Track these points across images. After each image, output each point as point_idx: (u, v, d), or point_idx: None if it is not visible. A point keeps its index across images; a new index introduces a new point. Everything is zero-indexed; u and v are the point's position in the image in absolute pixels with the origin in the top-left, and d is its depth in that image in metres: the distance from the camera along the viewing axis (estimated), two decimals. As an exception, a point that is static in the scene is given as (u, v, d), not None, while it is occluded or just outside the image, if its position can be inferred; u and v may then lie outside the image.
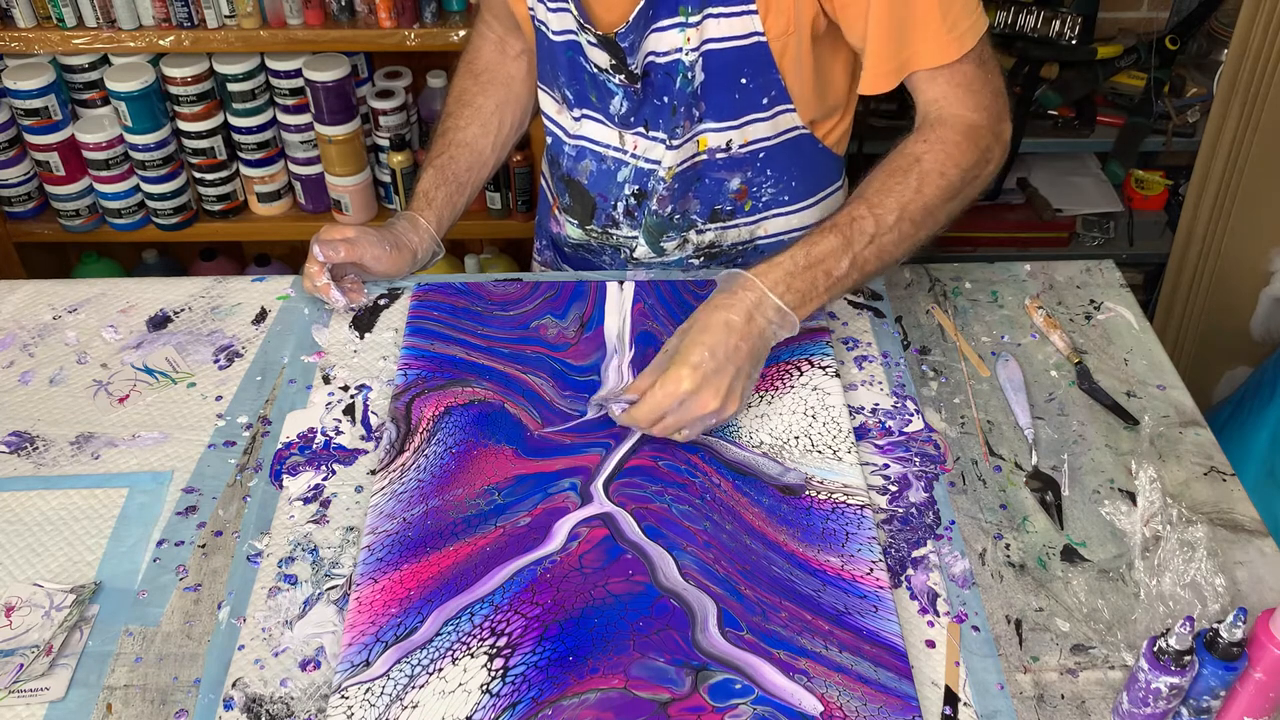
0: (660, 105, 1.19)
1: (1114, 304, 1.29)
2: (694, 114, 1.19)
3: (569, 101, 1.26)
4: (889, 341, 1.22)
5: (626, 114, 1.22)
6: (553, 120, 1.31)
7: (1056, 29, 2.21)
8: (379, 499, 1.02)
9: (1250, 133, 2.02)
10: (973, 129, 1.12)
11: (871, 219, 1.08)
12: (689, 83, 1.16)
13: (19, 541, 1.01)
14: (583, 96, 1.24)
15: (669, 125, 1.20)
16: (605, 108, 1.23)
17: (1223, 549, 1.00)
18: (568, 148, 1.30)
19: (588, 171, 1.29)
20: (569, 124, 1.28)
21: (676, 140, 1.21)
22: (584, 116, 1.26)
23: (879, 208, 1.09)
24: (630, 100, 1.20)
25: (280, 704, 0.87)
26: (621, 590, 0.94)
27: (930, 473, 1.07)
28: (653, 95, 1.19)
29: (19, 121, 2.11)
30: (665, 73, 1.16)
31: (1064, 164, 2.50)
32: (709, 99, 1.18)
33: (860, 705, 0.85)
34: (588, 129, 1.27)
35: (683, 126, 1.20)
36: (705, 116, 1.20)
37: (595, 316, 1.23)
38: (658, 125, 1.21)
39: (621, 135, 1.24)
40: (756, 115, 1.21)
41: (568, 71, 1.23)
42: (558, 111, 1.29)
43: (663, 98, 1.18)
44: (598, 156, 1.28)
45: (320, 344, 1.22)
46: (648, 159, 1.24)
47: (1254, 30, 1.96)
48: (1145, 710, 0.84)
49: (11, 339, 1.23)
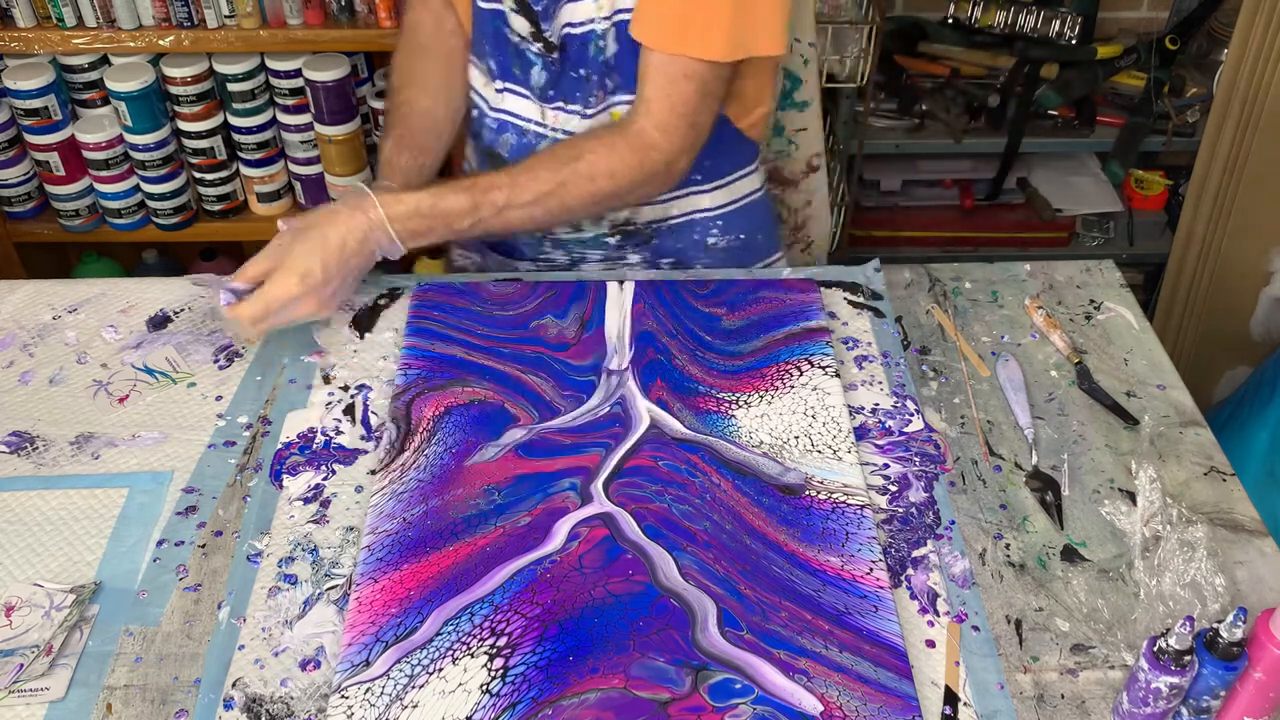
0: (577, 78, 1.22)
1: (1114, 304, 1.29)
2: (608, 85, 1.22)
3: (493, 72, 1.29)
4: (889, 341, 1.22)
5: (546, 86, 1.25)
6: (478, 93, 1.33)
7: (1056, 29, 2.21)
8: (379, 499, 1.02)
9: (1250, 133, 2.03)
10: (650, 150, 1.18)
11: (506, 194, 1.17)
12: (601, 52, 1.20)
13: (19, 541, 1.01)
14: (506, 68, 1.27)
15: (585, 98, 1.23)
16: (526, 79, 1.26)
17: (1223, 549, 1.00)
18: (489, 120, 1.32)
19: (509, 145, 1.31)
20: (491, 96, 1.31)
21: (591, 110, 1.23)
22: (505, 90, 1.29)
23: (519, 188, 1.17)
24: (549, 71, 1.23)
25: (280, 704, 0.87)
26: (621, 590, 0.94)
27: (930, 473, 1.07)
28: (569, 68, 1.22)
29: (19, 121, 2.11)
30: (581, 44, 1.19)
31: (1064, 164, 2.50)
32: (622, 70, 1.21)
33: (860, 705, 0.85)
34: (509, 102, 1.29)
35: (596, 96, 1.23)
36: (619, 89, 1.23)
37: (595, 316, 1.23)
38: (575, 99, 1.24)
39: (542, 110, 1.27)
40: None
41: (493, 41, 1.26)
42: (484, 85, 1.31)
43: (579, 70, 1.22)
44: (518, 130, 1.30)
45: (320, 344, 1.22)
46: (565, 131, 1.26)
47: (1254, 30, 1.96)
48: (1145, 710, 0.84)
49: (11, 339, 1.23)
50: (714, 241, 1.36)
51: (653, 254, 1.36)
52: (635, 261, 1.37)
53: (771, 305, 1.24)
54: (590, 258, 1.36)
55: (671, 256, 1.36)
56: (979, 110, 2.23)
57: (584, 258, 1.37)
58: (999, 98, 2.21)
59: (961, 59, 2.26)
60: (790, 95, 1.84)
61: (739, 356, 1.18)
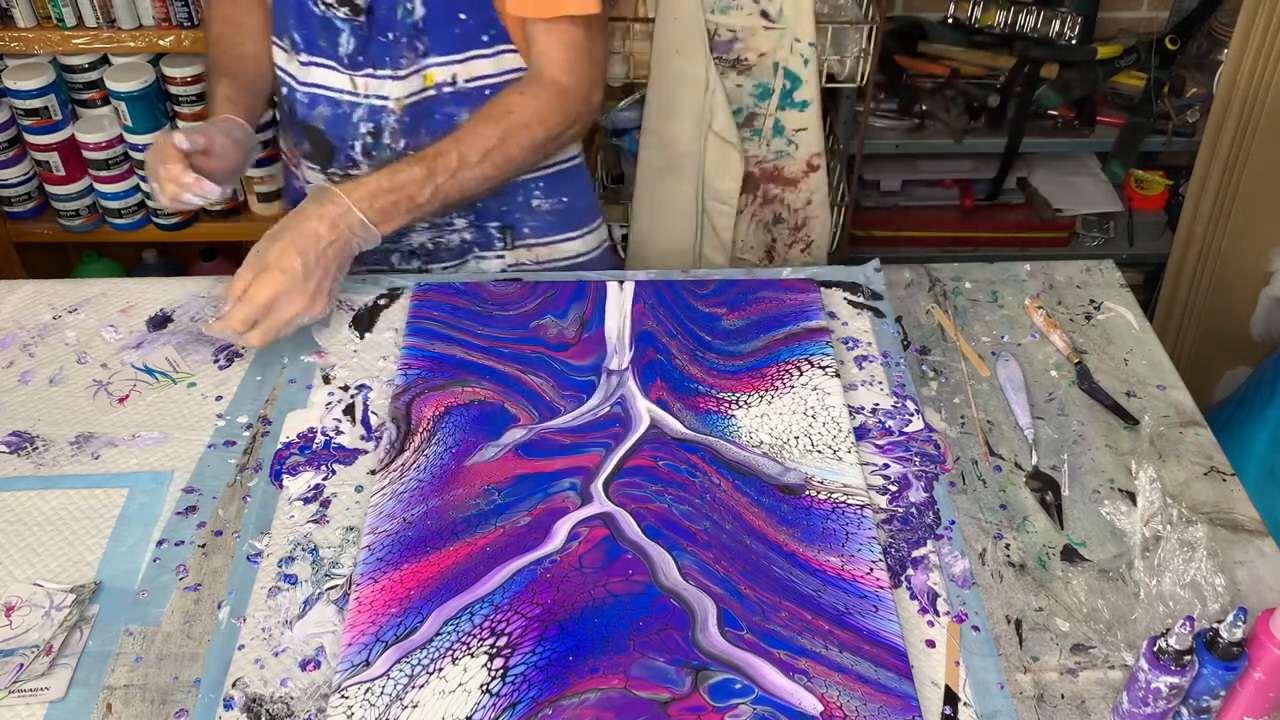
0: (386, 42, 1.25)
1: (1114, 304, 1.29)
2: (418, 47, 1.25)
3: (297, 45, 1.29)
4: (889, 341, 1.22)
5: (355, 53, 1.26)
6: (284, 70, 1.34)
7: (1056, 29, 2.21)
8: (379, 499, 1.02)
9: (1250, 133, 2.03)
10: (565, 92, 1.27)
11: (456, 155, 1.23)
12: (409, 14, 1.23)
13: (19, 541, 1.01)
14: (311, 41, 1.28)
15: (395, 61, 1.25)
16: (334, 50, 1.27)
17: (1223, 549, 1.00)
18: (300, 95, 1.32)
19: (323, 117, 1.32)
20: (298, 71, 1.31)
21: (403, 72, 1.26)
22: (312, 63, 1.30)
23: (466, 148, 1.23)
24: (358, 37, 1.25)
25: (280, 704, 0.87)
26: (621, 590, 0.94)
27: (930, 473, 1.07)
28: (377, 32, 1.24)
29: (19, 121, 2.11)
30: (389, 7, 1.23)
31: (1064, 164, 2.49)
32: (431, 32, 1.25)
33: (860, 705, 0.85)
34: (316, 75, 1.30)
35: (407, 58, 1.25)
36: (430, 51, 1.26)
37: (595, 316, 1.23)
38: (384, 64, 1.26)
39: (352, 79, 1.28)
40: (479, 52, 1.28)
41: (296, 14, 1.27)
42: (287, 60, 1.32)
43: (388, 34, 1.24)
44: (331, 101, 1.31)
45: (320, 344, 1.22)
46: (379, 96, 1.28)
47: (1254, 30, 1.96)
48: (1145, 710, 0.84)
49: (11, 339, 1.23)
50: (537, 204, 1.41)
51: (478, 217, 1.39)
52: (461, 226, 1.38)
53: (771, 305, 1.24)
54: (417, 225, 1.35)
55: (496, 220, 1.39)
56: (979, 110, 2.23)
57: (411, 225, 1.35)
58: (999, 98, 2.21)
59: (961, 59, 2.26)
60: (790, 95, 1.84)
61: (739, 356, 1.18)
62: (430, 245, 1.39)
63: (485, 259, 1.41)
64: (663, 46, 1.78)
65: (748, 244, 1.99)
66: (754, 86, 1.83)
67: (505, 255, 1.41)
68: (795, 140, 1.88)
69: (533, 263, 1.43)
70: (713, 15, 1.77)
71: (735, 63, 1.81)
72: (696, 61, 1.78)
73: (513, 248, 1.41)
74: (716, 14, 1.77)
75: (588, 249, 1.47)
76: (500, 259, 1.41)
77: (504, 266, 1.41)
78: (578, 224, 1.45)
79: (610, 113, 2.02)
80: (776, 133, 1.87)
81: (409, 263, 1.40)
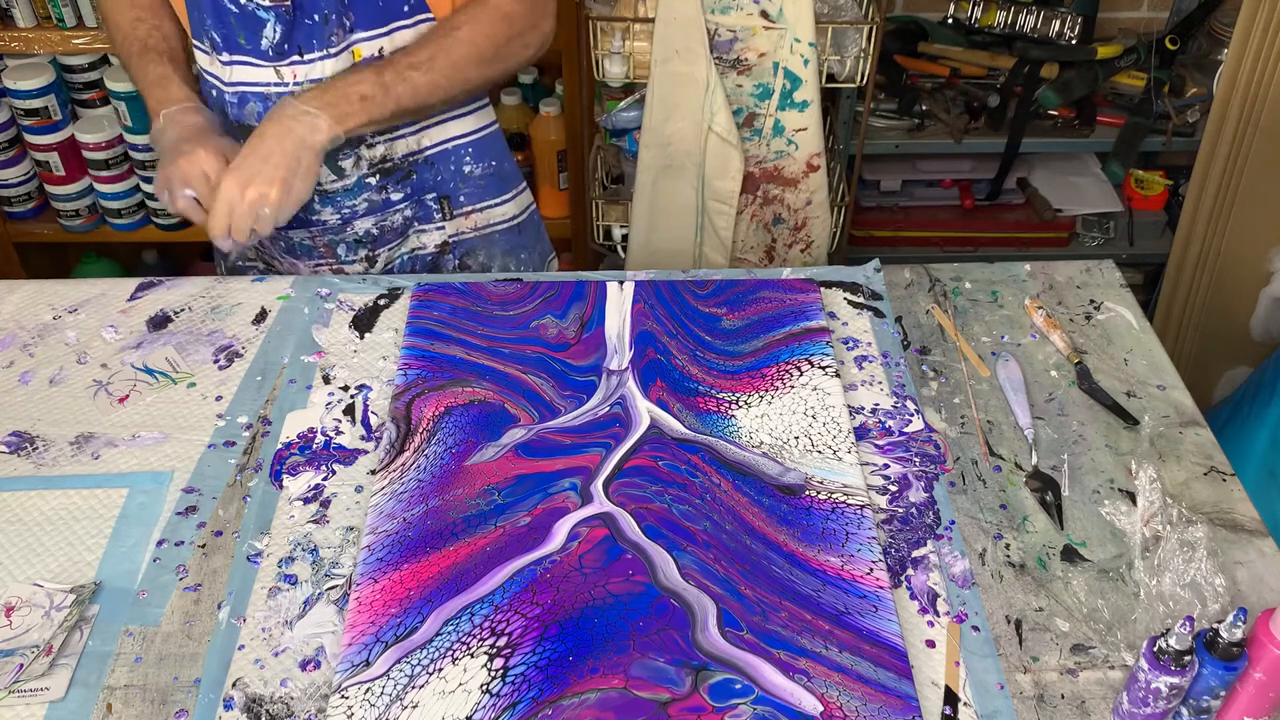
0: (313, 24, 1.26)
1: (1114, 304, 1.29)
2: (345, 23, 1.27)
3: (218, 46, 1.29)
4: (889, 341, 1.22)
5: (280, 43, 1.27)
6: (208, 72, 1.34)
7: (1056, 29, 2.21)
8: (379, 499, 1.02)
9: (1250, 133, 2.02)
10: (509, 15, 1.29)
11: (405, 61, 1.25)
12: None
13: (19, 541, 1.01)
14: (231, 40, 1.28)
15: (324, 40, 1.26)
16: (256, 44, 1.27)
17: (1223, 549, 1.00)
18: (229, 95, 1.32)
19: (255, 114, 1.32)
20: (222, 72, 1.31)
21: (334, 50, 1.27)
22: (234, 62, 1.29)
23: (411, 54, 1.26)
24: (283, 24, 1.25)
25: (280, 704, 0.87)
26: (621, 590, 0.94)
27: (930, 473, 1.07)
28: (304, 15, 1.25)
29: (19, 121, 2.11)
30: None
31: (1064, 164, 2.50)
32: (356, 8, 1.26)
33: (860, 705, 0.85)
34: (240, 73, 1.30)
35: (336, 36, 1.26)
36: (356, 26, 1.27)
37: (595, 316, 1.23)
38: (313, 47, 1.27)
39: (277, 70, 1.28)
40: (401, 23, 1.29)
41: (213, 15, 1.27)
42: (210, 62, 1.32)
43: (314, 15, 1.25)
44: (260, 97, 1.31)
45: (320, 344, 1.22)
46: (310, 80, 1.28)
47: (1254, 30, 1.96)
48: (1145, 710, 0.84)
49: (11, 339, 1.23)
50: (470, 169, 1.42)
51: (414, 189, 1.39)
52: (398, 201, 1.38)
53: (771, 305, 1.24)
54: (359, 211, 1.37)
55: (433, 190, 1.40)
56: (979, 110, 2.23)
57: (354, 213, 1.37)
58: (999, 98, 2.21)
59: (961, 59, 2.26)
60: (790, 95, 1.84)
61: (739, 356, 1.18)
62: (375, 230, 1.39)
63: (425, 231, 1.42)
64: (663, 46, 1.78)
65: (748, 244, 1.99)
66: (754, 86, 1.84)
67: (445, 226, 1.43)
68: (795, 140, 1.88)
69: (471, 229, 1.45)
70: (713, 15, 1.77)
71: (735, 63, 1.81)
72: (696, 61, 1.78)
73: (451, 217, 1.43)
74: (716, 14, 1.77)
75: (519, 210, 1.50)
76: (440, 230, 1.43)
77: (444, 239, 1.43)
78: (507, 188, 1.48)
79: (610, 113, 2.02)
80: (776, 133, 1.87)
81: (356, 252, 1.40)
